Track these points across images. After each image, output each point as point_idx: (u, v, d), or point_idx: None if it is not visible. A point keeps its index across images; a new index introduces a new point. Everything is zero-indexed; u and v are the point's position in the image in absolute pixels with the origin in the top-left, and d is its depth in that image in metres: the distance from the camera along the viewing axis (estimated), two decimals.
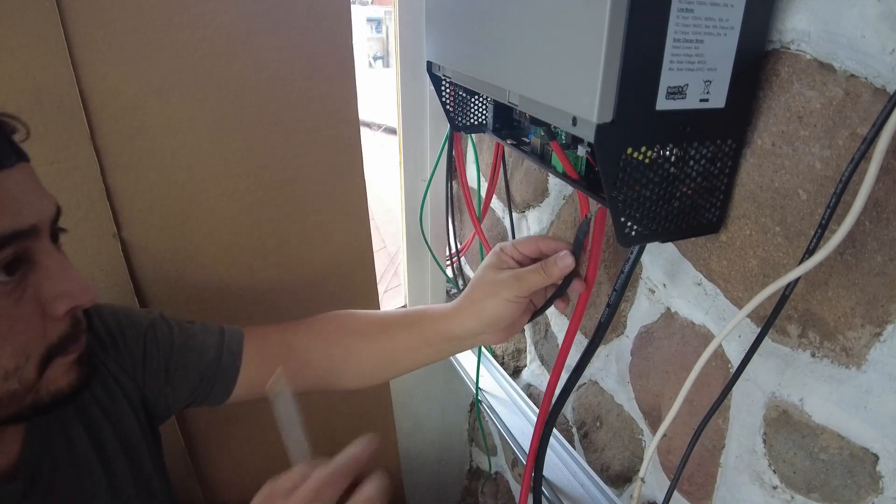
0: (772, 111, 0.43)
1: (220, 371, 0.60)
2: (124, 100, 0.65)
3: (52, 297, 0.39)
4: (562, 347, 0.57)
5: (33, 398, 0.40)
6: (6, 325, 0.37)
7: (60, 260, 0.40)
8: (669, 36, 0.36)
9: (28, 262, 0.38)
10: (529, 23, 0.42)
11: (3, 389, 0.38)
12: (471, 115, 0.67)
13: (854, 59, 0.37)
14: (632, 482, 0.72)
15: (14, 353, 0.38)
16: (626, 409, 0.71)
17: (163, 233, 0.72)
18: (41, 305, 0.39)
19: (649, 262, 0.61)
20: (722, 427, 0.55)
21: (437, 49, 0.59)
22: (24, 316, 0.38)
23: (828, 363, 0.44)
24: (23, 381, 0.39)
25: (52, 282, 0.39)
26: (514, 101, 0.46)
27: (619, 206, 0.42)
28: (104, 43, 0.62)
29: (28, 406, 0.40)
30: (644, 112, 0.38)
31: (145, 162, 0.68)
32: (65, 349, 0.41)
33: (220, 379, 0.60)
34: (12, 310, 0.37)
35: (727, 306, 0.52)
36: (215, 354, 0.60)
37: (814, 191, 0.42)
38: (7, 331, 0.37)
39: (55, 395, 0.41)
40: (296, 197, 0.79)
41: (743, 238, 0.48)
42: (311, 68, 0.73)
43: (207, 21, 0.66)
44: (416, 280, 1.09)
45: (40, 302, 0.39)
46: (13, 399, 0.38)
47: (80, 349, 0.43)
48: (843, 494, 0.44)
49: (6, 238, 0.36)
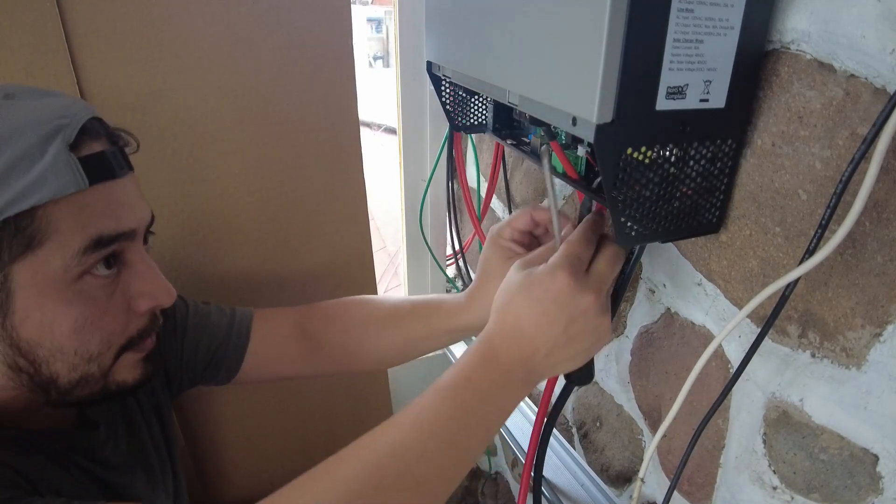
0: (772, 111, 0.43)
1: (229, 351, 0.62)
2: (125, 100, 0.65)
3: (138, 294, 0.44)
4: None
5: (103, 384, 0.44)
6: (98, 313, 0.42)
7: (149, 262, 0.45)
8: (669, 36, 0.36)
9: (122, 261, 0.43)
10: (529, 23, 0.42)
11: (85, 371, 0.42)
12: (471, 115, 0.67)
13: (854, 59, 0.37)
14: (632, 482, 0.72)
15: (100, 340, 0.42)
16: (626, 409, 0.71)
17: (162, 233, 0.72)
18: (127, 301, 0.44)
19: (649, 263, 0.61)
20: (722, 427, 0.55)
21: (437, 49, 0.59)
22: (113, 308, 0.43)
23: (828, 363, 0.44)
24: (101, 367, 0.43)
25: (139, 281, 0.44)
26: (514, 101, 0.46)
27: (619, 206, 0.42)
28: (104, 43, 0.62)
29: (97, 392, 0.44)
30: (644, 112, 0.38)
31: (146, 162, 0.68)
32: (138, 344, 0.46)
33: (227, 358, 0.62)
34: (106, 301, 0.42)
35: (727, 306, 0.51)
36: (224, 335, 0.62)
37: (814, 191, 0.42)
38: (99, 319, 0.42)
39: (120, 386, 0.45)
40: (296, 197, 0.79)
41: (743, 238, 0.48)
42: (311, 68, 0.73)
43: (208, 21, 0.66)
44: (416, 280, 1.09)
45: (127, 297, 0.44)
46: (89, 382, 0.43)
47: (151, 346, 0.47)
48: (843, 495, 0.44)
49: (111, 238, 0.41)
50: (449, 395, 0.41)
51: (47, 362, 0.40)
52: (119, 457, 0.51)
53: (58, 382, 0.41)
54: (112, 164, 0.42)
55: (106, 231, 0.40)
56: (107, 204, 0.41)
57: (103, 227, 0.40)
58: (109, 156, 0.42)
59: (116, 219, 0.41)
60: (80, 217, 0.39)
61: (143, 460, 0.55)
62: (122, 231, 0.42)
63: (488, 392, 0.42)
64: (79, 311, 0.40)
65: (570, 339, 0.42)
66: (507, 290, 0.45)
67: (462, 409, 0.41)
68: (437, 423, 0.40)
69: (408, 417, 0.40)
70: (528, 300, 0.42)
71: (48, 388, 0.42)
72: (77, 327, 0.40)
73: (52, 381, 0.41)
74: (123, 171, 0.43)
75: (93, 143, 0.41)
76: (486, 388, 0.42)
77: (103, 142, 0.42)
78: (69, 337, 0.40)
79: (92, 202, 0.40)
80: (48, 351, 0.40)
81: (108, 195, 0.41)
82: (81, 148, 0.40)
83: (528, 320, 0.42)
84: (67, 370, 0.41)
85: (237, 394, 0.85)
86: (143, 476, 0.54)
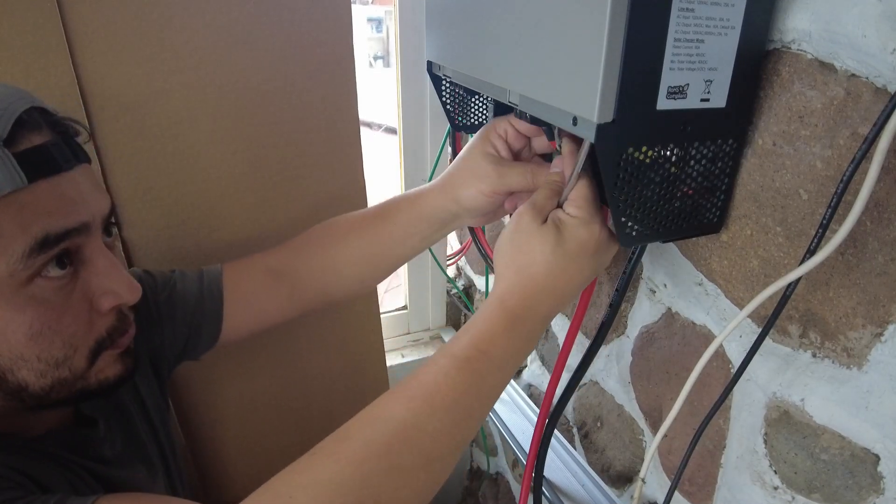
0: (773, 111, 0.43)
1: (206, 316, 0.60)
2: (125, 100, 0.65)
3: (100, 292, 0.42)
4: (562, 348, 0.57)
5: (82, 385, 0.42)
6: (55, 316, 0.39)
7: (109, 258, 0.42)
8: (670, 35, 0.36)
9: (79, 258, 0.41)
10: (530, 22, 0.42)
11: (55, 376, 0.40)
12: (471, 115, 0.67)
13: (855, 58, 0.37)
14: (633, 482, 0.72)
15: (63, 344, 0.40)
16: (627, 409, 0.71)
17: (163, 233, 0.72)
18: (89, 300, 0.41)
19: (650, 263, 0.61)
20: (723, 427, 0.55)
21: (438, 49, 0.59)
22: (72, 309, 0.40)
23: (829, 363, 0.44)
24: (73, 370, 0.41)
25: (99, 279, 0.41)
26: (515, 100, 0.46)
27: (620, 205, 0.42)
28: (105, 43, 0.62)
29: (76, 392, 0.42)
30: (645, 112, 0.38)
31: (146, 162, 0.68)
32: (113, 342, 0.43)
33: (206, 324, 0.60)
34: (63, 302, 0.40)
35: (728, 306, 0.51)
36: (196, 301, 0.59)
37: (815, 190, 0.41)
38: (56, 322, 0.39)
39: (102, 384, 0.43)
40: (296, 197, 0.79)
41: (744, 238, 0.48)
42: (311, 68, 0.73)
43: (208, 21, 0.65)
44: (416, 280, 1.09)
45: (88, 296, 0.41)
46: (63, 385, 0.41)
47: (128, 342, 0.45)
48: (844, 495, 0.44)
49: (60, 236, 0.38)
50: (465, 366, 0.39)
51: (11, 371, 0.39)
52: (117, 451, 0.51)
53: (28, 390, 0.40)
54: (55, 156, 0.39)
55: (52, 229, 0.37)
56: (52, 200, 0.38)
57: (49, 226, 0.37)
58: (52, 148, 0.38)
59: (64, 215, 0.38)
60: (21, 217, 0.36)
61: (140, 452, 0.55)
62: (72, 227, 0.39)
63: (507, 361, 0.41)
64: (32, 316, 0.38)
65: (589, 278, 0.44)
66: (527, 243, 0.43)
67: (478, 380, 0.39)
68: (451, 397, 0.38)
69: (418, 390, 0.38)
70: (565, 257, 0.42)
71: (20, 394, 0.40)
72: (33, 333, 0.38)
73: (21, 388, 0.39)
74: (70, 163, 0.40)
75: (31, 136, 0.38)
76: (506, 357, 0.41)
77: (45, 133, 0.39)
78: (26, 344, 0.38)
79: (34, 200, 0.37)
80: (8, 360, 0.38)
81: (52, 191, 0.38)
82: (18, 142, 0.37)
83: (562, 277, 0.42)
84: (35, 377, 0.39)
85: (237, 394, 0.85)
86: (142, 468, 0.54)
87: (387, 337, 1.08)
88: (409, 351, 1.13)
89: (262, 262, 0.62)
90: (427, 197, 0.57)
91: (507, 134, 0.53)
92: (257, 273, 0.62)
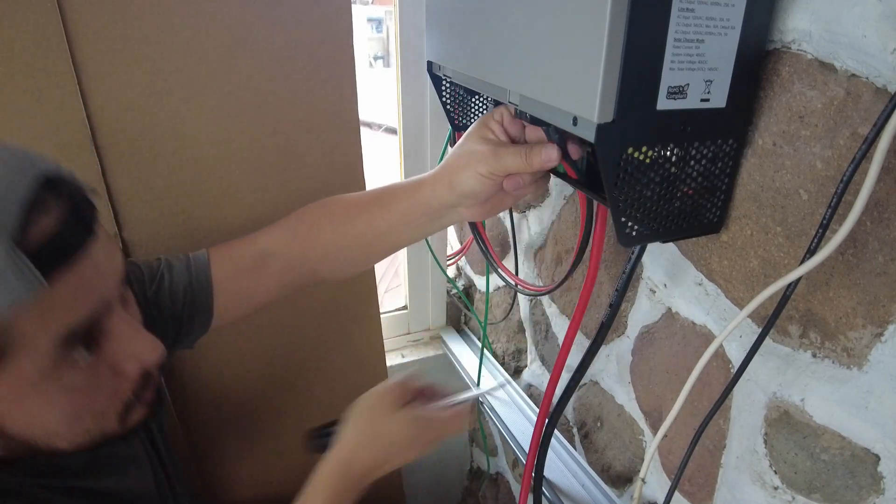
0: (773, 111, 0.43)
1: (195, 308, 0.59)
2: (125, 100, 0.65)
3: (123, 358, 0.41)
4: (562, 348, 0.57)
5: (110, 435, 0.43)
6: (87, 397, 0.39)
7: (128, 321, 0.41)
8: (670, 36, 0.36)
9: (100, 331, 0.39)
10: (530, 22, 0.42)
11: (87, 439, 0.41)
12: (471, 115, 0.67)
13: (855, 58, 0.37)
14: (633, 482, 0.72)
15: (94, 416, 0.40)
16: (627, 409, 0.71)
17: (163, 233, 0.72)
18: (113, 368, 0.40)
19: (650, 263, 0.61)
20: (723, 427, 0.55)
21: (438, 49, 0.59)
22: (101, 384, 0.40)
23: (829, 363, 0.44)
24: (104, 432, 0.42)
25: (122, 346, 0.40)
26: (515, 100, 0.46)
27: (620, 205, 0.42)
28: (105, 44, 0.62)
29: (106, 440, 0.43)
30: (645, 112, 0.38)
31: (146, 162, 0.68)
32: (140, 399, 0.43)
33: (196, 315, 0.59)
34: (92, 382, 0.39)
35: (728, 306, 0.51)
36: (185, 292, 0.58)
37: (815, 191, 0.41)
38: (88, 402, 0.39)
39: (129, 430, 0.44)
40: (296, 197, 0.79)
41: (744, 238, 0.48)
42: (311, 68, 0.73)
43: (208, 21, 0.66)
44: (416, 280, 1.09)
45: (112, 366, 0.40)
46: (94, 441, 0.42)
47: (153, 394, 0.45)
48: (845, 495, 0.44)
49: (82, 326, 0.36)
50: None
51: (47, 445, 0.39)
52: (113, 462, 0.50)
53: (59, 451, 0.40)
54: (71, 242, 0.35)
55: (75, 323, 0.35)
56: (71, 292, 0.35)
57: (72, 320, 0.35)
58: (66, 233, 0.34)
59: (85, 303, 0.36)
60: (42, 318, 0.33)
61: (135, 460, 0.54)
62: (93, 312, 0.37)
63: None
64: (65, 402, 0.38)
65: None
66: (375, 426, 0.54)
67: None
68: None
69: None
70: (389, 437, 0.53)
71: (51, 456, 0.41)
72: (67, 416, 0.39)
73: (53, 453, 0.40)
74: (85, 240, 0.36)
75: (43, 221, 0.33)
76: None
77: (54, 212, 0.34)
78: (60, 425, 0.39)
79: (53, 297, 0.33)
80: (44, 439, 0.39)
81: (71, 281, 0.34)
82: (30, 233, 0.32)
83: None
84: (67, 444, 0.40)
85: (237, 394, 0.85)
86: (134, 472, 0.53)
87: (387, 337, 1.08)
88: (409, 351, 1.13)
89: (252, 244, 0.61)
90: (424, 184, 0.56)
91: (504, 118, 0.53)
92: (246, 257, 0.61)
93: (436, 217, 0.57)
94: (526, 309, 0.94)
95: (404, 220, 0.58)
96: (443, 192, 0.54)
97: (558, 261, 0.79)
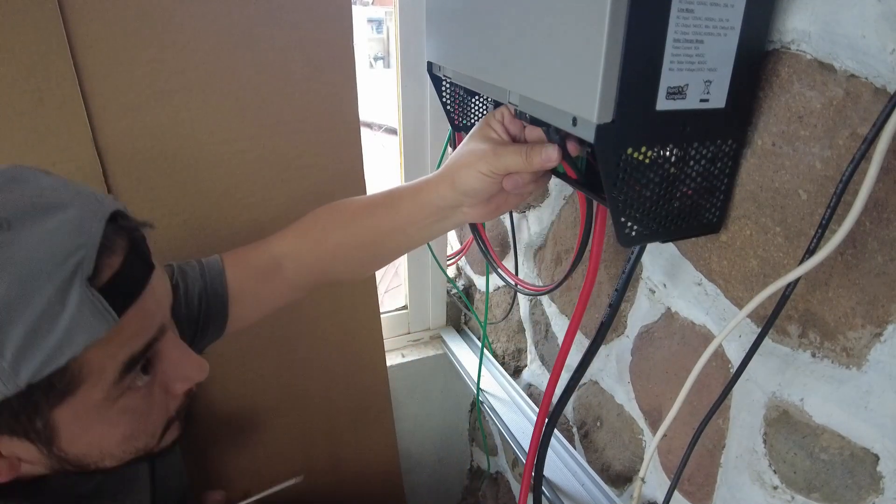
0: (772, 111, 0.43)
1: (210, 316, 0.60)
2: (126, 100, 0.65)
3: (174, 379, 0.43)
4: (562, 347, 0.57)
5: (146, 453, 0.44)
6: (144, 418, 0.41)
7: (179, 344, 0.44)
8: (670, 36, 0.37)
9: (155, 354, 0.41)
10: (530, 23, 0.42)
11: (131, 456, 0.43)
12: (471, 116, 0.67)
13: (854, 59, 0.37)
14: (632, 482, 0.72)
15: (146, 436, 0.43)
16: (627, 408, 0.71)
17: (164, 233, 0.72)
18: (164, 388, 0.43)
19: (649, 263, 0.61)
20: (722, 427, 0.55)
21: (438, 49, 0.59)
22: (155, 405, 0.42)
23: (828, 363, 0.44)
24: (146, 449, 0.44)
25: (174, 367, 0.43)
26: (515, 101, 0.47)
27: (620, 206, 0.42)
28: (106, 44, 0.62)
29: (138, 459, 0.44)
30: (644, 112, 0.38)
31: (147, 163, 0.68)
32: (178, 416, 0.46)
33: (211, 323, 0.60)
34: (148, 403, 0.42)
35: (727, 306, 0.52)
36: (199, 302, 0.59)
37: (814, 191, 0.42)
38: (144, 423, 0.42)
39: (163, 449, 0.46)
40: (297, 197, 0.79)
41: (743, 238, 0.48)
42: (312, 69, 0.73)
43: (209, 22, 0.66)
44: (416, 280, 1.09)
45: (164, 386, 0.43)
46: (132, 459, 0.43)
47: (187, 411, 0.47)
48: (844, 495, 0.44)
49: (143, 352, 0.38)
50: None
51: (96, 463, 0.41)
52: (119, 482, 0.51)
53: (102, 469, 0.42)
54: (136, 276, 0.37)
55: (137, 349, 0.38)
56: (138, 322, 0.37)
57: (133, 347, 0.37)
58: (131, 267, 0.37)
59: (148, 331, 0.38)
60: (108, 349, 0.35)
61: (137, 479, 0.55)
62: (153, 338, 0.39)
63: None
64: (125, 425, 0.40)
65: None
66: None
67: None
68: None
69: None
70: None
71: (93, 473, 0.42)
72: (125, 438, 0.41)
73: (98, 470, 0.42)
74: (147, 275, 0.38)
75: (111, 259, 0.35)
76: None
77: (119, 250, 0.36)
78: (117, 446, 0.41)
79: (121, 329, 0.36)
80: (97, 458, 0.41)
81: (137, 313, 0.37)
82: (102, 273, 0.34)
83: None
84: (114, 462, 0.42)
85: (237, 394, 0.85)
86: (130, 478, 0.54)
87: (387, 337, 1.08)
88: (409, 351, 1.13)
89: (264, 250, 0.62)
90: (429, 184, 0.57)
91: (505, 117, 0.53)
92: (260, 263, 0.62)
93: (441, 217, 0.58)
94: (526, 309, 0.94)
95: (411, 221, 0.58)
96: (446, 191, 0.55)
97: (558, 261, 0.79)
